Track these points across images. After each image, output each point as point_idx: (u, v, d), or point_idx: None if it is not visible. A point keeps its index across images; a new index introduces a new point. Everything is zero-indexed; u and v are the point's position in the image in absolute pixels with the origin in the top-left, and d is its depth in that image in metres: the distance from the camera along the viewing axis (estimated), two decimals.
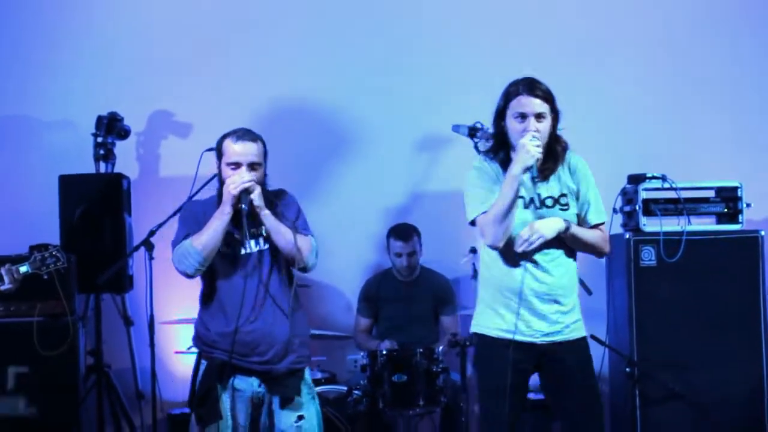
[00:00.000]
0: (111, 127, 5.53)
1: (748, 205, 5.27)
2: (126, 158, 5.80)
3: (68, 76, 5.94)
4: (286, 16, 6.05)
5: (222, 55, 6.01)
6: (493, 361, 3.74)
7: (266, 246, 3.95)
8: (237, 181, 3.80)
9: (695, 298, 5.13)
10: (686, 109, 5.98)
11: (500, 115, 3.72)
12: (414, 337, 5.52)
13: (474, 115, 5.18)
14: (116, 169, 5.59)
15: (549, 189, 3.76)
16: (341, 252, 5.76)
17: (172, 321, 5.45)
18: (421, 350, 5.02)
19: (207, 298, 4.01)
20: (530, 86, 3.65)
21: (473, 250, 5.23)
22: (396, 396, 4.98)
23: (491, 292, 3.80)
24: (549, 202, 3.74)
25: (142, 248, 4.73)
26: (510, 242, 3.68)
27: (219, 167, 3.95)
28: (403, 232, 5.64)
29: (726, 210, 5.30)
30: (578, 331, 3.82)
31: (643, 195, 5.20)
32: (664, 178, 5.21)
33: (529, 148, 3.55)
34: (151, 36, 5.98)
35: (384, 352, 5.02)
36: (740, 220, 5.25)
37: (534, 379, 3.89)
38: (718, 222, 5.35)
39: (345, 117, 6.05)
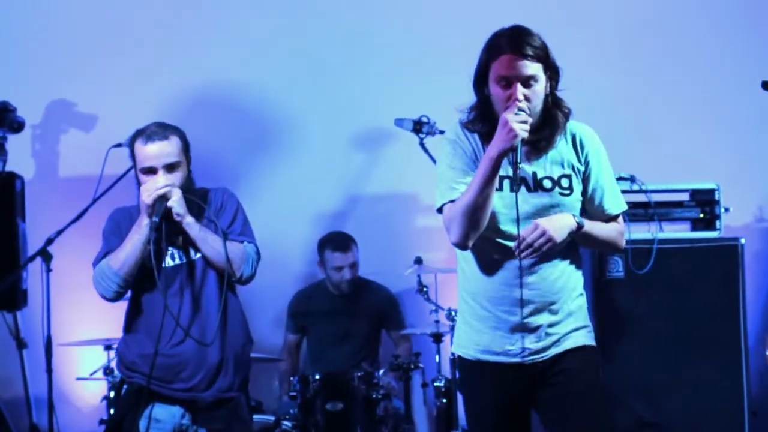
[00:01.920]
0: (1, 119, 5.29)
1: (726, 210, 5.17)
2: (19, 155, 5.52)
3: None
4: None
5: (131, 37, 5.81)
6: (474, 388, 3.29)
7: (198, 255, 3.79)
8: (150, 188, 3.63)
9: (668, 314, 4.98)
10: (659, 104, 5.88)
11: (481, 77, 3.12)
12: (350, 358, 5.42)
13: (419, 107, 5.06)
14: (8, 167, 5.33)
15: (547, 167, 3.18)
16: (267, 263, 5.63)
17: (73, 342, 5.24)
18: (359, 374, 4.91)
19: (133, 316, 3.86)
20: (516, 42, 3.04)
21: (419, 261, 5.26)
22: (331, 426, 4.85)
23: (468, 303, 3.27)
24: (547, 183, 3.17)
25: (39, 259, 4.61)
26: (485, 241, 3.16)
27: (136, 172, 3.78)
28: (341, 242, 5.48)
29: (702, 215, 5.20)
30: (578, 339, 3.24)
31: None
32: (632, 179, 5.08)
33: (512, 124, 2.98)
34: (48, 13, 5.78)
35: (317, 377, 4.88)
36: (718, 227, 5.16)
37: None
38: (694, 229, 5.26)
39: (271, 109, 5.90)
